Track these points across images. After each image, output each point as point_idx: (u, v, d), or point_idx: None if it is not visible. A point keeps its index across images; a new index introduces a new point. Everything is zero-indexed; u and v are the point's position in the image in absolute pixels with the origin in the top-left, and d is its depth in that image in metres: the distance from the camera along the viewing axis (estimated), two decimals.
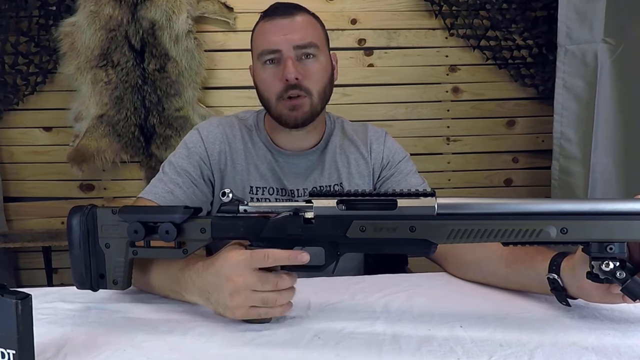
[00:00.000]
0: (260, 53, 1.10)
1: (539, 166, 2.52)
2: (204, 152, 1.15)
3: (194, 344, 0.73)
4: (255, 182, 1.16)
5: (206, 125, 1.19)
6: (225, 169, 1.16)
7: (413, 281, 0.98)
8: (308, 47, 1.08)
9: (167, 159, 1.17)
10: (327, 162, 1.19)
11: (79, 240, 0.81)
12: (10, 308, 0.60)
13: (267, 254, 0.73)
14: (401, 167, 1.21)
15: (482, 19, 2.40)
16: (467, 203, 0.70)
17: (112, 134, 2.28)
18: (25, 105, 2.35)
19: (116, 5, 2.19)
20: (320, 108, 1.13)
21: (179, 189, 1.10)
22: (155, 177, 1.14)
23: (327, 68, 1.13)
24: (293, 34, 1.07)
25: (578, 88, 2.07)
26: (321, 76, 1.11)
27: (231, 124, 1.20)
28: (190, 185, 1.12)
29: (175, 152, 1.17)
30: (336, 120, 1.25)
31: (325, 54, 1.13)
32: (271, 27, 1.09)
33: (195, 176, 1.13)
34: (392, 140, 1.25)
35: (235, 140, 1.18)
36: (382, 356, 0.68)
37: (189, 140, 1.17)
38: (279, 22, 1.09)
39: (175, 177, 1.11)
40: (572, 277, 0.77)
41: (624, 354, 0.68)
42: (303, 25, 1.10)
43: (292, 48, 1.07)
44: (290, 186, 1.16)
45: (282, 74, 1.07)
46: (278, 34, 1.08)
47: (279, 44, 1.07)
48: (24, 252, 2.43)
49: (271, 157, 1.17)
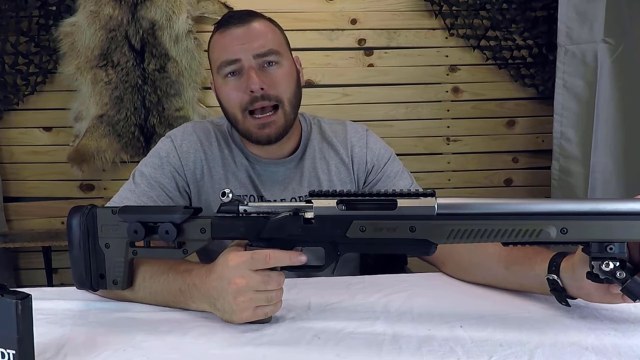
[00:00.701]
0: (219, 66, 1.04)
1: (539, 166, 2.52)
2: (177, 162, 1.09)
3: (194, 344, 0.73)
4: (235, 190, 1.09)
5: (179, 133, 1.13)
6: (202, 179, 1.10)
7: (413, 281, 0.98)
8: (269, 54, 1.03)
9: (137, 167, 1.10)
10: (305, 169, 1.14)
11: (79, 240, 0.81)
12: (10, 308, 0.60)
13: (269, 255, 0.73)
14: (388, 170, 1.16)
15: (482, 19, 2.40)
16: (467, 203, 0.70)
17: (112, 134, 2.28)
18: (25, 105, 2.35)
19: (116, 5, 2.19)
20: (294, 117, 1.08)
21: (152, 203, 1.04)
22: (124, 187, 1.06)
23: (292, 73, 1.08)
24: (251, 42, 1.02)
25: (578, 88, 2.07)
26: (287, 82, 1.05)
27: (206, 130, 1.14)
28: (165, 199, 1.06)
29: (146, 161, 1.10)
30: (312, 121, 1.19)
31: (287, 58, 1.08)
32: (227, 37, 1.03)
33: (170, 188, 1.07)
34: (375, 139, 1.19)
35: (212, 148, 1.12)
36: (382, 356, 0.68)
37: (161, 150, 1.10)
38: (234, 31, 1.03)
39: (147, 190, 1.05)
40: (572, 277, 0.77)
41: (624, 354, 0.68)
42: (260, 31, 1.04)
43: (252, 57, 1.02)
44: (268, 196, 1.11)
45: (245, 85, 1.01)
46: (235, 43, 1.02)
47: (237, 53, 1.02)
48: (24, 252, 2.43)
49: (248, 164, 1.12)
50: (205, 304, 0.79)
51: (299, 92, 1.10)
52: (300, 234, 0.74)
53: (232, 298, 0.74)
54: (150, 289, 0.85)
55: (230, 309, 0.75)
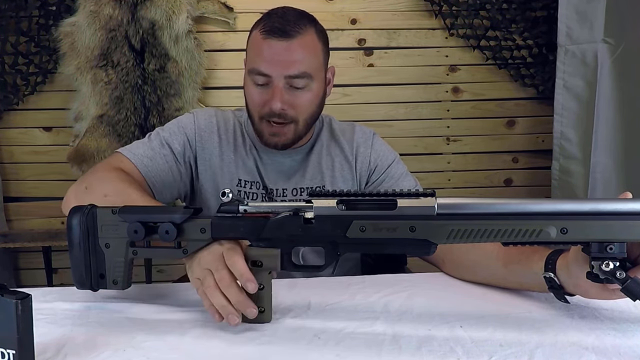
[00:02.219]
0: (251, 70, 1.06)
1: (539, 166, 2.51)
2: (192, 134, 1.15)
3: (194, 344, 0.73)
4: (244, 175, 1.15)
5: (202, 113, 1.19)
6: (211, 159, 1.15)
7: (413, 281, 0.98)
8: (300, 77, 1.04)
9: (155, 129, 1.17)
10: (311, 163, 1.17)
11: (79, 240, 0.81)
12: (10, 308, 0.60)
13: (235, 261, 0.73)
14: (392, 172, 1.18)
15: (482, 19, 2.40)
16: (467, 203, 0.70)
17: (112, 134, 2.28)
18: (25, 105, 2.35)
19: (116, 5, 2.19)
20: (305, 132, 1.12)
21: (160, 158, 1.10)
22: (138, 141, 1.13)
23: (319, 94, 1.09)
24: (287, 63, 1.02)
25: (578, 88, 2.07)
26: (309, 105, 1.08)
27: (226, 118, 1.20)
28: (171, 159, 1.12)
29: (165, 126, 1.17)
30: (324, 119, 1.22)
31: (319, 79, 1.08)
32: (267, 48, 1.03)
33: (177, 153, 1.13)
34: (381, 142, 1.22)
35: (227, 134, 1.17)
36: (382, 356, 0.68)
37: (181, 120, 1.17)
38: (275, 44, 1.02)
39: (158, 147, 1.11)
40: (568, 275, 0.77)
41: (624, 354, 0.68)
42: (300, 52, 1.03)
43: (283, 77, 1.03)
44: (270, 185, 1.15)
45: (269, 98, 1.04)
46: (271, 58, 1.03)
47: (270, 70, 1.03)
48: (24, 252, 2.43)
49: (256, 153, 1.17)
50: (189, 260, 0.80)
51: (320, 108, 1.13)
52: (300, 234, 0.74)
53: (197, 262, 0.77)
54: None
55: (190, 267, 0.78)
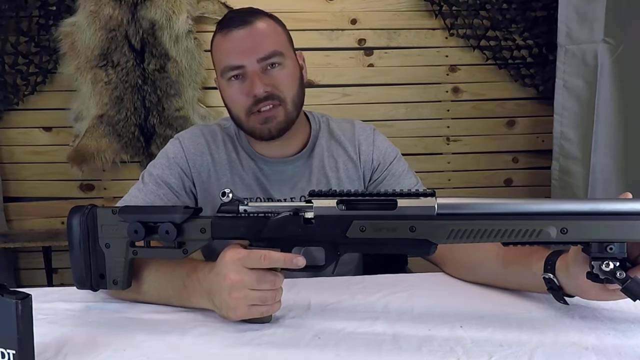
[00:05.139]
0: (223, 70, 1.04)
1: (539, 166, 2.51)
2: (185, 163, 1.11)
3: (194, 344, 0.73)
4: (243, 194, 1.10)
5: (187, 136, 1.14)
6: (208, 180, 1.11)
7: (413, 281, 0.98)
8: (272, 56, 1.02)
9: (146, 168, 1.12)
10: (314, 167, 1.14)
11: (79, 240, 0.81)
12: (10, 308, 0.60)
13: (264, 256, 0.73)
14: (393, 169, 1.16)
15: (482, 19, 2.40)
16: (467, 203, 0.70)
17: (112, 134, 2.28)
18: (25, 105, 2.35)
19: (116, 5, 2.19)
20: (296, 115, 1.08)
21: (160, 201, 1.06)
22: (134, 187, 1.09)
23: (296, 72, 1.08)
24: (254, 46, 1.02)
25: (578, 88, 2.07)
26: (291, 82, 1.06)
27: (213, 133, 1.15)
28: (171, 197, 1.08)
29: (155, 162, 1.12)
30: (321, 119, 1.20)
31: (291, 57, 1.07)
32: (230, 41, 1.03)
33: (177, 188, 1.09)
34: (382, 138, 1.20)
35: (219, 151, 1.13)
36: (382, 356, 0.68)
37: (169, 151, 1.12)
38: (236, 34, 1.02)
39: (155, 189, 1.07)
40: (567, 276, 0.77)
41: (624, 354, 0.68)
42: (263, 33, 1.03)
43: (256, 61, 1.02)
44: (277, 195, 1.11)
45: (249, 89, 1.02)
46: (238, 48, 1.02)
47: (240, 59, 1.02)
48: (24, 252, 2.43)
49: (255, 165, 1.12)
50: (205, 299, 0.80)
51: (302, 90, 1.10)
52: (300, 234, 0.74)
53: (227, 294, 0.75)
54: (156, 282, 0.86)
55: (226, 305, 0.76)
